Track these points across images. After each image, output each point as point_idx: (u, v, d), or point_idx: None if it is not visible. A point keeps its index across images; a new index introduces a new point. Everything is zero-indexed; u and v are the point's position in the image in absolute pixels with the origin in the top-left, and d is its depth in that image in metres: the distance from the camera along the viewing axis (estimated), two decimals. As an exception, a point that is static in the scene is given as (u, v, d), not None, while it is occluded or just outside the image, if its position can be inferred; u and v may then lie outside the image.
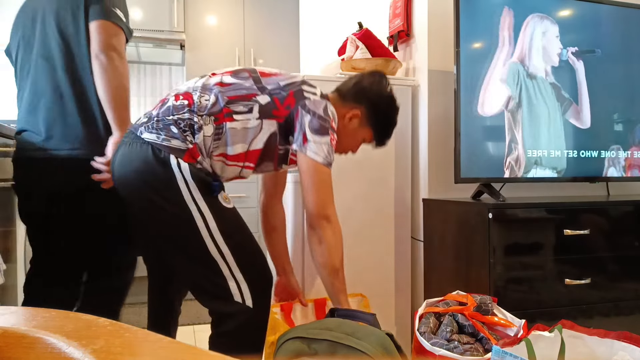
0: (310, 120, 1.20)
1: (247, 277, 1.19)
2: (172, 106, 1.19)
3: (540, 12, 1.69)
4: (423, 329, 1.16)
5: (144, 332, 0.37)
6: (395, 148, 1.81)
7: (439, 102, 1.80)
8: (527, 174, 1.66)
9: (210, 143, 1.18)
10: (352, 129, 1.36)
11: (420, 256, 1.84)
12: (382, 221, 1.78)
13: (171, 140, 1.14)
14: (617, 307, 1.56)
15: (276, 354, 1.16)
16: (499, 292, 1.41)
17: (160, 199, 1.14)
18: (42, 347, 0.36)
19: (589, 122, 1.74)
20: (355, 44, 1.85)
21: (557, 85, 1.70)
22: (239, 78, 1.23)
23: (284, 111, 1.21)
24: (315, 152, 1.20)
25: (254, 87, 1.22)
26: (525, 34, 1.66)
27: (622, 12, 1.80)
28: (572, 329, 0.99)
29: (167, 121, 1.16)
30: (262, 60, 3.55)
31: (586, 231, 1.51)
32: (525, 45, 1.66)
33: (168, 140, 1.14)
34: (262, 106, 1.20)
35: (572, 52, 1.72)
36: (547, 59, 1.69)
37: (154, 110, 1.22)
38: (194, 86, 1.22)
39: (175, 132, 1.15)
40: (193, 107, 1.17)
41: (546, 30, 1.69)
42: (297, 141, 1.21)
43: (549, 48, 1.69)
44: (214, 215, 1.16)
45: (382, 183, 1.78)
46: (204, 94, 1.19)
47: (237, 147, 1.20)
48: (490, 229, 1.41)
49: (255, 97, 1.20)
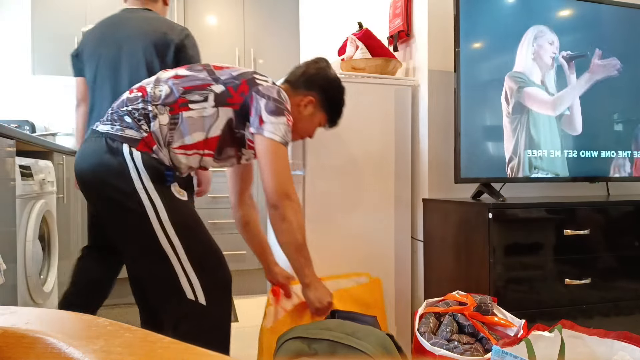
0: (266, 103, 1.23)
1: (199, 273, 1.17)
2: (126, 99, 1.22)
3: (539, 19, 1.69)
4: (423, 329, 1.16)
5: (144, 332, 0.37)
6: (395, 148, 1.81)
7: (439, 102, 1.80)
8: (527, 174, 1.66)
9: (167, 132, 1.19)
10: (308, 115, 1.41)
11: (420, 256, 1.84)
12: (382, 221, 1.78)
13: (125, 130, 1.17)
14: (617, 307, 1.56)
15: (276, 353, 1.16)
16: (499, 292, 1.41)
17: (112, 189, 1.14)
18: (42, 347, 0.36)
19: (580, 128, 1.74)
20: (355, 44, 1.85)
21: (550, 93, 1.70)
22: (193, 71, 1.27)
23: (238, 98, 1.24)
24: (272, 132, 1.22)
25: (209, 77, 1.25)
26: (524, 43, 1.67)
27: (622, 12, 1.80)
28: (572, 329, 0.99)
29: (120, 112, 1.19)
30: (262, 61, 3.55)
31: (586, 231, 1.51)
32: (523, 54, 1.66)
33: (122, 130, 1.17)
34: (217, 95, 1.23)
35: (563, 56, 1.72)
36: (542, 64, 1.69)
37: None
38: (148, 81, 1.26)
39: (129, 121, 1.17)
40: (147, 98, 1.20)
41: (542, 37, 1.69)
42: (254, 124, 1.23)
43: (543, 54, 1.69)
44: (166, 206, 1.15)
45: (382, 183, 1.78)
46: (157, 86, 1.23)
47: (195, 136, 1.22)
48: (490, 229, 1.41)
49: (210, 86, 1.23)
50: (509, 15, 1.67)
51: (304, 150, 1.69)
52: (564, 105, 1.72)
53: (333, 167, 1.72)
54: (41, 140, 1.91)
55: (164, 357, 0.33)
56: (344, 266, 1.74)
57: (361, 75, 1.77)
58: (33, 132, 3.24)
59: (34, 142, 1.81)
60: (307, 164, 1.69)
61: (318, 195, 1.70)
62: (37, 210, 1.77)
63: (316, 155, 1.70)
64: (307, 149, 1.69)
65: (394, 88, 1.80)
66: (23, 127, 3.17)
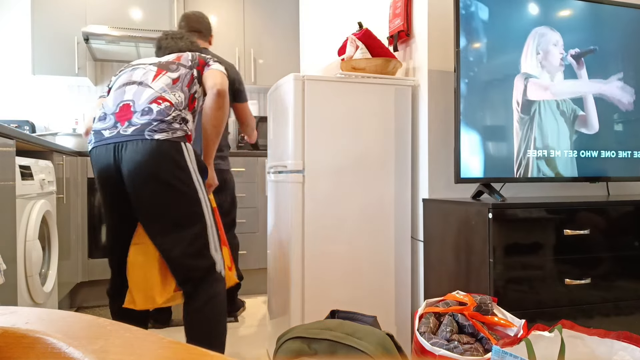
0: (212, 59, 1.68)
1: (220, 255, 1.55)
2: (162, 109, 1.45)
3: (539, 17, 1.69)
4: (423, 329, 1.16)
5: (144, 332, 0.37)
6: (395, 148, 1.81)
7: (439, 102, 1.80)
8: (527, 174, 1.66)
9: (193, 127, 1.55)
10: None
11: (420, 256, 1.84)
12: (382, 221, 1.78)
13: (177, 131, 1.46)
14: (617, 307, 1.56)
15: (276, 353, 1.16)
16: (499, 292, 1.41)
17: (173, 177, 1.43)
18: (42, 347, 0.36)
19: (597, 126, 1.75)
20: (355, 44, 1.85)
21: (563, 99, 1.70)
22: (174, 71, 1.57)
23: (201, 69, 1.63)
24: (217, 66, 1.64)
25: (186, 69, 1.59)
26: (529, 47, 1.67)
27: (623, 12, 1.80)
28: (572, 329, 0.99)
29: (168, 121, 1.45)
30: (262, 60, 3.55)
31: (586, 231, 1.51)
32: (528, 56, 1.66)
33: (175, 132, 1.45)
34: (197, 77, 1.60)
35: (572, 55, 1.72)
36: (552, 68, 1.69)
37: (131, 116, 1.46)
38: (158, 89, 1.50)
39: (177, 127, 1.46)
40: (176, 106, 1.48)
41: (548, 39, 1.69)
42: (206, 69, 1.63)
43: (551, 59, 1.69)
44: (205, 191, 1.54)
45: (382, 183, 1.78)
46: (173, 92, 1.51)
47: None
48: (490, 229, 1.42)
49: (193, 75, 1.59)
50: (509, 15, 1.67)
51: (304, 150, 1.69)
52: (565, 93, 1.71)
53: (333, 167, 1.73)
54: (41, 140, 1.91)
55: (164, 357, 0.33)
56: (344, 266, 1.74)
57: (361, 75, 1.77)
58: (33, 132, 3.25)
59: (34, 142, 1.81)
60: (307, 164, 1.69)
61: (318, 195, 1.70)
62: (37, 210, 1.77)
63: (316, 155, 1.70)
64: (307, 149, 1.69)
65: (394, 88, 1.80)
66: (23, 127, 3.18)
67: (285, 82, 1.75)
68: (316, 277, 1.71)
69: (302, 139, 1.69)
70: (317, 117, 1.70)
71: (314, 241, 1.71)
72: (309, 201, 1.69)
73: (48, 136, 3.12)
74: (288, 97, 1.71)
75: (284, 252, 1.77)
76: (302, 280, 1.69)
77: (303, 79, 1.69)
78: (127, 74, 1.59)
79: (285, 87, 1.75)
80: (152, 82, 1.50)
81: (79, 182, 2.74)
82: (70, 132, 3.24)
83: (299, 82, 1.68)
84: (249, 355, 2.04)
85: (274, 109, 1.96)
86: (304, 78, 1.69)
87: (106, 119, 1.49)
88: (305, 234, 1.69)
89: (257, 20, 3.56)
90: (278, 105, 1.87)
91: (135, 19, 3.23)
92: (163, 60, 1.61)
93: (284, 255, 1.78)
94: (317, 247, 1.71)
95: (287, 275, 1.72)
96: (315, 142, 1.70)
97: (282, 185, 1.81)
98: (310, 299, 1.70)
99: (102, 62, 3.55)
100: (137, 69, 1.59)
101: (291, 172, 1.72)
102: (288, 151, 1.72)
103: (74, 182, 2.66)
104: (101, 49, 3.26)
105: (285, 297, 1.75)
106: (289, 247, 1.71)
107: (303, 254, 1.69)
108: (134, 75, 1.56)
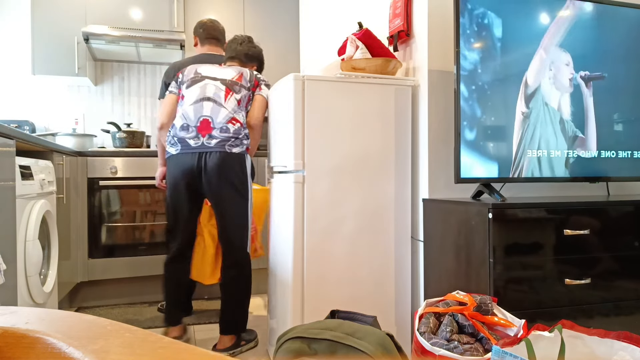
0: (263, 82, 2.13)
1: (249, 243, 2.03)
2: (236, 129, 1.92)
3: (542, 22, 1.69)
4: (423, 329, 1.16)
5: (144, 332, 0.37)
6: (396, 148, 1.81)
7: (439, 102, 1.80)
8: (527, 174, 1.66)
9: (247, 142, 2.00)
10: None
11: (420, 256, 1.84)
12: (382, 221, 1.78)
13: (245, 146, 1.95)
14: (617, 307, 1.56)
15: (276, 353, 1.16)
16: (499, 292, 1.41)
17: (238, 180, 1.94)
18: (42, 347, 0.36)
19: (595, 148, 1.76)
20: (355, 44, 1.85)
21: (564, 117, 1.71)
22: (238, 92, 1.99)
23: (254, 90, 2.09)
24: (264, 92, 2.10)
25: (246, 90, 2.03)
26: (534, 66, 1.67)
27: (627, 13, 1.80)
28: (572, 329, 0.99)
29: (240, 138, 1.93)
30: (262, 60, 3.55)
31: (586, 231, 1.51)
32: (534, 77, 1.67)
33: (244, 146, 1.95)
34: (251, 98, 2.07)
35: (582, 76, 1.72)
36: (561, 87, 1.70)
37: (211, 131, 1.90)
38: (230, 110, 1.93)
39: (246, 142, 1.96)
40: (244, 125, 1.96)
41: (556, 60, 1.70)
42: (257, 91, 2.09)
43: (561, 78, 1.70)
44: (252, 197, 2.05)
45: (382, 183, 1.78)
46: (240, 113, 1.96)
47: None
48: (490, 229, 1.42)
49: (250, 98, 2.06)
50: (510, 15, 1.67)
51: (304, 150, 1.69)
52: (567, 104, 1.72)
53: (333, 167, 1.73)
54: (41, 140, 1.91)
55: (164, 357, 0.33)
56: (344, 266, 1.74)
57: (361, 75, 1.77)
58: (33, 132, 3.25)
59: (34, 142, 1.81)
60: (307, 164, 1.69)
61: (318, 195, 1.70)
62: (37, 210, 1.77)
63: (316, 155, 1.70)
64: (307, 149, 1.69)
65: (394, 88, 1.81)
66: (23, 127, 3.17)
67: (285, 82, 1.75)
68: (316, 277, 1.71)
69: (302, 139, 1.69)
70: (317, 117, 1.70)
71: (314, 241, 1.71)
72: (309, 201, 1.69)
73: (48, 136, 3.12)
74: (288, 97, 1.71)
75: (284, 252, 1.77)
76: (302, 280, 1.69)
77: (303, 79, 1.69)
78: (199, 88, 1.96)
79: (285, 87, 1.75)
80: (225, 103, 1.92)
81: (79, 182, 2.74)
82: (70, 132, 3.24)
83: (299, 82, 1.68)
84: (249, 355, 2.04)
85: (274, 109, 1.96)
86: (304, 78, 1.69)
87: (189, 130, 1.89)
88: (305, 233, 1.69)
89: (257, 20, 3.56)
90: (278, 106, 1.87)
91: (135, 19, 3.23)
92: (228, 78, 1.99)
93: (284, 255, 1.78)
94: (317, 247, 1.71)
95: (287, 276, 1.72)
96: (315, 142, 1.70)
97: (282, 185, 1.81)
98: (310, 298, 1.70)
99: (102, 62, 3.55)
100: (208, 84, 1.96)
101: (291, 172, 1.72)
102: (288, 151, 1.72)
103: (74, 182, 2.66)
104: (101, 49, 3.26)
105: (285, 297, 1.75)
106: (289, 247, 1.71)
107: (303, 254, 1.69)
108: (207, 91, 1.94)
